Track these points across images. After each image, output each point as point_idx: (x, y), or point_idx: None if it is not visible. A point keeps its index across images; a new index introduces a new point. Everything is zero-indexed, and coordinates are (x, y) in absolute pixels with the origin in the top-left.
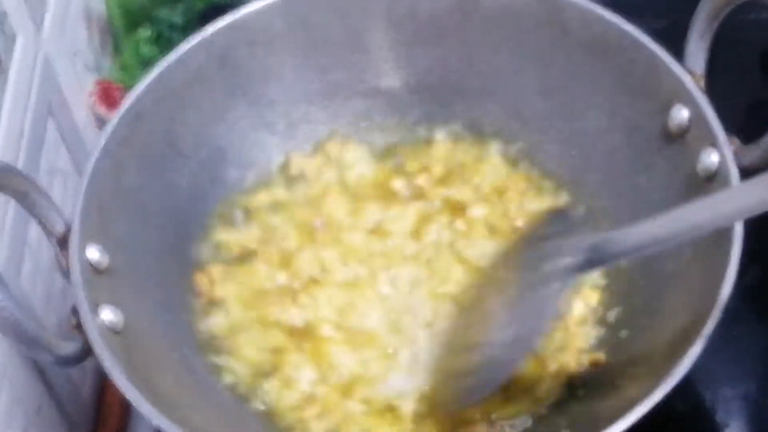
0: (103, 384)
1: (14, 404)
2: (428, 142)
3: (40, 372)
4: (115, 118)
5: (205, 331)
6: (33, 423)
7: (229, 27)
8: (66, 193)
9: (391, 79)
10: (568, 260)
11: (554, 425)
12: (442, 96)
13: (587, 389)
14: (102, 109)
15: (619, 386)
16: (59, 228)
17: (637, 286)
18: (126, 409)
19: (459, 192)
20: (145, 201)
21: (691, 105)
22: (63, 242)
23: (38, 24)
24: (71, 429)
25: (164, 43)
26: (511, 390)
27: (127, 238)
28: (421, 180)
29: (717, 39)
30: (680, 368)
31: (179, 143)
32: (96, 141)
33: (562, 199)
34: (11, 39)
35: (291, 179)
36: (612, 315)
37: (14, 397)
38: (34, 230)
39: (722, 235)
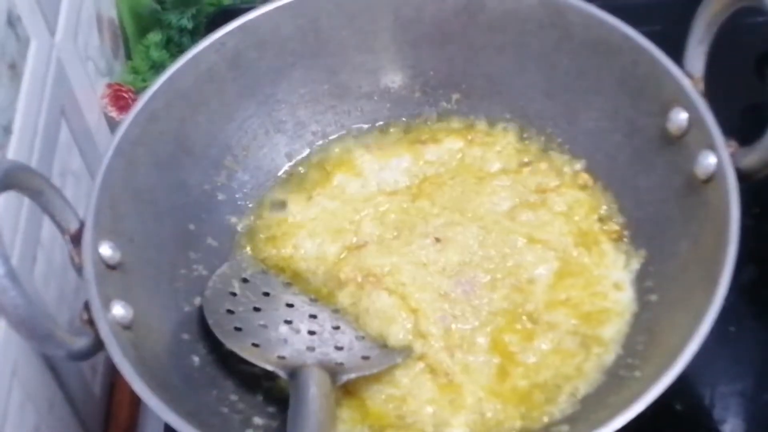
0: (113, 381)
1: (27, 401)
2: (434, 141)
3: (52, 370)
4: (128, 117)
5: None
6: (45, 420)
7: (240, 29)
8: (78, 193)
9: (397, 79)
10: None
11: None
12: (448, 96)
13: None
14: (113, 112)
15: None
16: (73, 225)
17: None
18: (135, 406)
19: None
20: (156, 199)
21: (690, 108)
22: (76, 239)
23: (51, 29)
24: (82, 426)
25: (174, 47)
26: None
27: (138, 235)
28: None
29: (715, 43)
30: (678, 365)
31: (190, 143)
32: (109, 142)
33: None
34: (25, 43)
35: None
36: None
37: (27, 395)
38: (47, 230)
39: (719, 233)
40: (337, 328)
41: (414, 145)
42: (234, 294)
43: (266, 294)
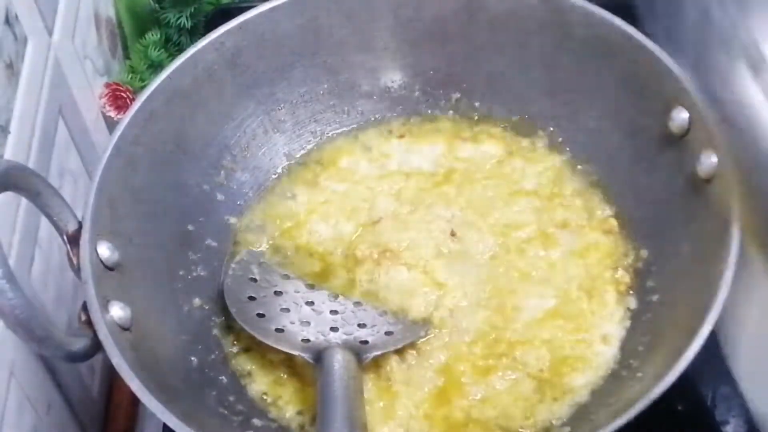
0: (111, 383)
1: (24, 402)
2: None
3: (50, 371)
4: (126, 117)
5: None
6: (43, 421)
7: (239, 28)
8: (76, 193)
9: (397, 78)
10: None
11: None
12: (448, 95)
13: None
14: (111, 112)
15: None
16: (71, 226)
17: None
18: (134, 408)
19: None
20: (154, 199)
21: (691, 107)
22: (74, 240)
23: (49, 28)
24: (80, 427)
25: (172, 46)
26: None
27: (136, 235)
28: None
29: None
30: (679, 365)
31: (189, 142)
32: (107, 141)
33: None
34: (22, 42)
35: None
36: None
37: (24, 396)
38: (45, 231)
39: (721, 233)
40: (358, 304)
41: (453, 140)
42: (254, 279)
43: (286, 276)
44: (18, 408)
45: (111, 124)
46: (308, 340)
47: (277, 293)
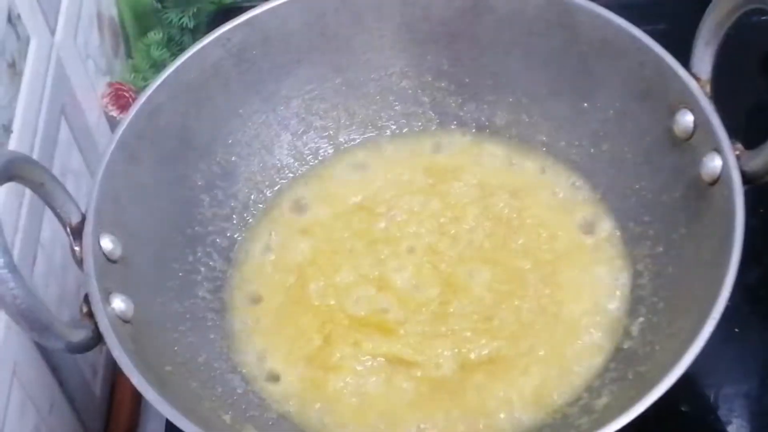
0: (114, 382)
1: (27, 402)
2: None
3: (53, 370)
4: (131, 111)
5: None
6: (45, 420)
7: (246, 24)
8: (78, 193)
9: (403, 78)
10: None
11: None
12: (454, 95)
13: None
14: (114, 111)
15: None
16: (74, 218)
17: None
18: (136, 406)
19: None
20: (159, 194)
21: (697, 110)
22: (77, 232)
23: (51, 27)
24: (83, 426)
25: (175, 46)
26: None
27: (140, 229)
28: None
29: (721, 43)
30: (681, 366)
31: (193, 138)
32: (110, 139)
33: None
34: (25, 41)
35: None
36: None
37: (27, 395)
38: (47, 229)
39: (723, 236)
40: None
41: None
42: None
43: None
44: (20, 408)
45: (113, 124)
46: None
47: None
